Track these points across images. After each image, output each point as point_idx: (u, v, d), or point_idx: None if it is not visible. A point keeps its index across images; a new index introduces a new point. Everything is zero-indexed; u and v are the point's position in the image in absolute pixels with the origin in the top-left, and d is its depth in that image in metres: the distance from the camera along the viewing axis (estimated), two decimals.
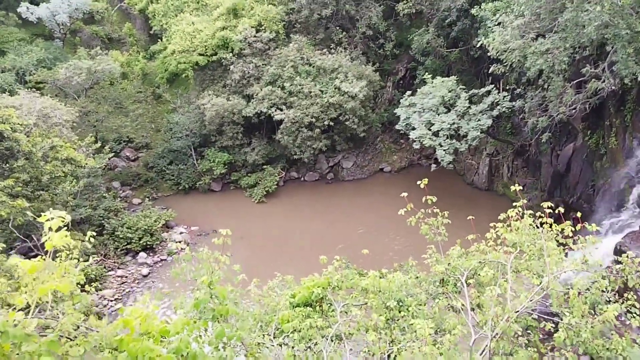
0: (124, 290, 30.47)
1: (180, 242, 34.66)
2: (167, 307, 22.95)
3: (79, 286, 4.11)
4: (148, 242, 33.41)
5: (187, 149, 41.47)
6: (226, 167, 40.51)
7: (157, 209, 36.43)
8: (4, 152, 27.41)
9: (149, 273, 31.91)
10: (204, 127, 40.68)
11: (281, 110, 38.82)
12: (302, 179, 42.36)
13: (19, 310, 3.40)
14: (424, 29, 40.94)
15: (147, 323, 3.66)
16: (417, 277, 7.82)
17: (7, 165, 27.60)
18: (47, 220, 3.78)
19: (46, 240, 3.75)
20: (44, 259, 3.68)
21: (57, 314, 3.69)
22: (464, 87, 34.42)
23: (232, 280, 6.20)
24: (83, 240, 4.00)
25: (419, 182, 7.65)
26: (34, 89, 37.37)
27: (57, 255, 4.00)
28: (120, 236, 32.91)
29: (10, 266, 16.89)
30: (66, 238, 3.79)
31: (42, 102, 33.19)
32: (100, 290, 29.68)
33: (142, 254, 33.10)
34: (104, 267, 31.22)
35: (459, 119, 32.58)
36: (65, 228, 3.89)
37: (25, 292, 3.51)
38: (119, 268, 31.97)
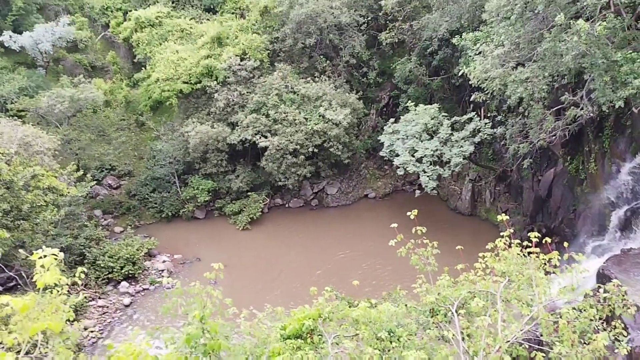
0: (105, 320, 29.87)
1: (162, 270, 34.22)
2: (155, 339, 22.45)
3: (68, 322, 4.06)
4: (130, 271, 32.89)
5: (171, 177, 41.25)
6: (210, 194, 40.31)
7: (140, 237, 35.97)
8: None
9: (131, 303, 31.37)
10: (188, 154, 40.57)
11: (266, 137, 38.94)
12: (287, 205, 42.29)
13: (8, 349, 3.34)
14: (406, 57, 41.70)
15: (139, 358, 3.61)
16: (407, 306, 7.83)
17: None
18: (39, 258, 3.74)
19: (38, 278, 3.70)
20: (34, 296, 3.63)
21: (47, 352, 3.62)
22: (446, 114, 34.97)
23: (222, 313, 6.15)
24: (72, 276, 3.96)
25: (408, 213, 7.72)
26: (16, 117, 37.01)
27: (47, 290, 3.95)
28: (102, 265, 32.37)
29: None
30: (58, 276, 3.75)
31: (24, 131, 32.82)
32: (81, 320, 29.06)
33: (124, 283, 32.56)
34: (85, 297, 30.61)
35: (442, 146, 33.00)
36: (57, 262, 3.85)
37: (15, 331, 3.45)
38: (100, 298, 31.38)
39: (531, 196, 34.28)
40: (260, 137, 38.93)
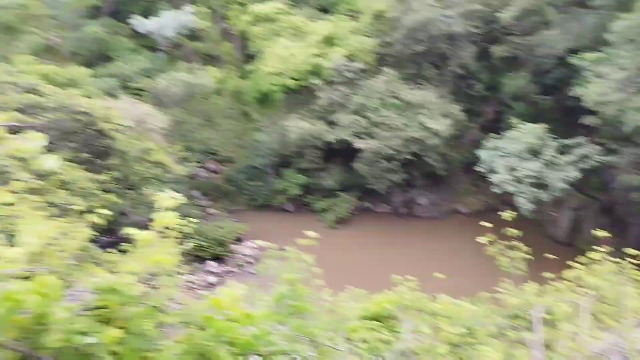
0: (191, 295, 31.51)
1: (249, 256, 35.52)
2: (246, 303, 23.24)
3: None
4: (218, 252, 34.45)
5: (267, 168, 42.71)
6: (302, 189, 41.25)
7: (231, 222, 37.54)
8: (101, 149, 29.50)
9: (217, 282, 32.80)
10: (286, 148, 41.78)
11: (363, 139, 39.23)
12: (375, 209, 42.30)
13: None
14: (517, 73, 40.27)
15: (234, 303, 3.96)
16: (489, 309, 7.74)
17: (103, 161, 29.66)
18: (161, 199, 4.22)
19: (157, 218, 4.18)
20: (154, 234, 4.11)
21: (156, 286, 4.08)
22: (553, 136, 33.40)
23: (309, 283, 6.45)
24: (186, 225, 4.41)
25: (499, 213, 7.62)
26: (134, 95, 40.04)
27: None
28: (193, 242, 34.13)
29: (97, 254, 18.02)
30: (176, 219, 4.21)
31: (141, 108, 35.51)
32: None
33: (212, 263, 34.15)
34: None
35: (545, 168, 31.58)
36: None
37: (133, 262, 3.94)
38: (187, 273, 33.15)
39: (638, 234, 31.90)
40: (357, 139, 39.29)
